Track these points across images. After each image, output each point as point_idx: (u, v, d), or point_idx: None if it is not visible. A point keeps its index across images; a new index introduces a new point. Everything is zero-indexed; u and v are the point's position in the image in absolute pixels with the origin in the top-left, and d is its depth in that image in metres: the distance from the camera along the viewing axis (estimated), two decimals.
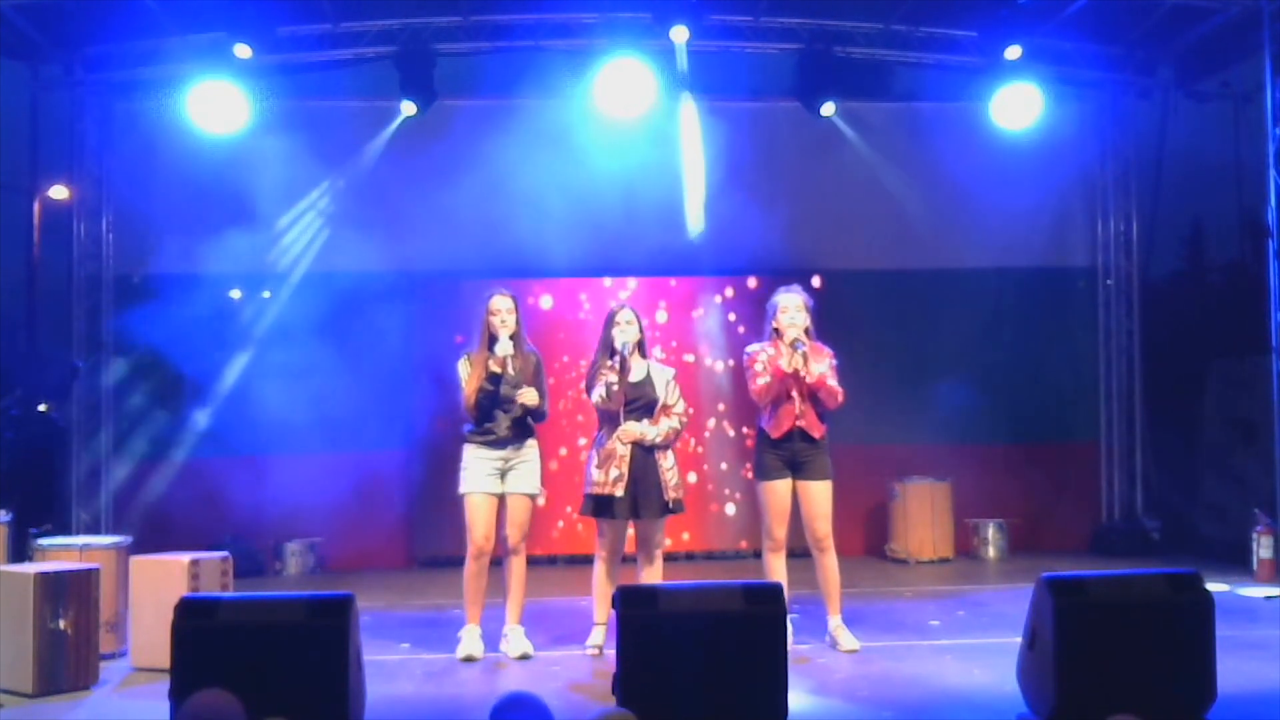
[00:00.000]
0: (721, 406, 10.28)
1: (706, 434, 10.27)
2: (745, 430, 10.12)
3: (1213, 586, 4.68)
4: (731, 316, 10.34)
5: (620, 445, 6.24)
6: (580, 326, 10.11)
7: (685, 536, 10.13)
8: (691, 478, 10.10)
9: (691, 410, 6.71)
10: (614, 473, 6.20)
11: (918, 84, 10.29)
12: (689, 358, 10.27)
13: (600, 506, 6.25)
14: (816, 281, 9.46)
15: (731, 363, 10.20)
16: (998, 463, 10.30)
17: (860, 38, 9.60)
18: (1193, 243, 10.82)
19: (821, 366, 6.27)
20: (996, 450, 10.37)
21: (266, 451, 9.67)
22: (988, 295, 10.28)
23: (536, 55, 9.59)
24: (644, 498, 6.23)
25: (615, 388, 6.21)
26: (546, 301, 10.21)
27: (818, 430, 6.30)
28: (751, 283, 10.26)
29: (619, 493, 6.19)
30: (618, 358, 6.26)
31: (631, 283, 10.31)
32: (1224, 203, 10.31)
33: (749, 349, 6.42)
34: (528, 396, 6.21)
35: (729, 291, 10.39)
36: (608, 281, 10.33)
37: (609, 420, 6.30)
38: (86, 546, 6.51)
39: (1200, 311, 10.40)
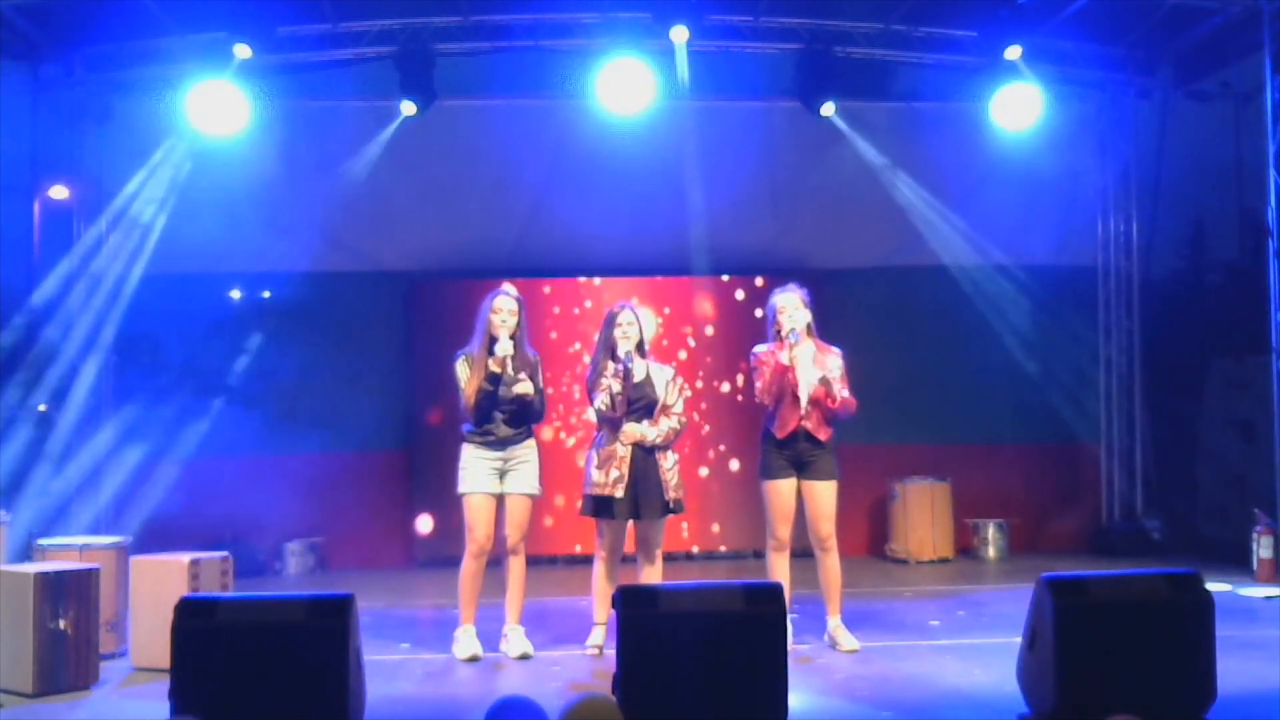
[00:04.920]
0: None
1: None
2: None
3: (1213, 586, 4.68)
4: (736, 308, 10.36)
5: (621, 446, 6.24)
6: (580, 323, 10.13)
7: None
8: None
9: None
10: (614, 474, 6.20)
11: (918, 84, 10.28)
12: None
13: (600, 507, 6.26)
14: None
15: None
16: (998, 463, 10.31)
17: (860, 38, 9.59)
18: (1193, 243, 10.78)
19: (832, 372, 6.26)
20: (996, 450, 10.39)
21: (266, 451, 9.68)
22: (988, 295, 10.29)
23: (536, 55, 9.58)
24: (645, 498, 6.23)
25: (620, 396, 6.22)
26: (546, 300, 10.19)
27: (824, 432, 6.30)
28: (755, 281, 10.26)
29: (619, 493, 6.20)
30: (621, 365, 6.26)
31: (630, 282, 10.31)
32: (1224, 203, 10.28)
33: (755, 350, 6.43)
34: (522, 386, 6.20)
35: (738, 293, 10.40)
36: (597, 281, 10.35)
37: (609, 421, 6.30)
38: (86, 547, 6.51)
39: (1200, 311, 10.37)
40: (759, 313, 10.17)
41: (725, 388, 10.28)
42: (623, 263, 10.30)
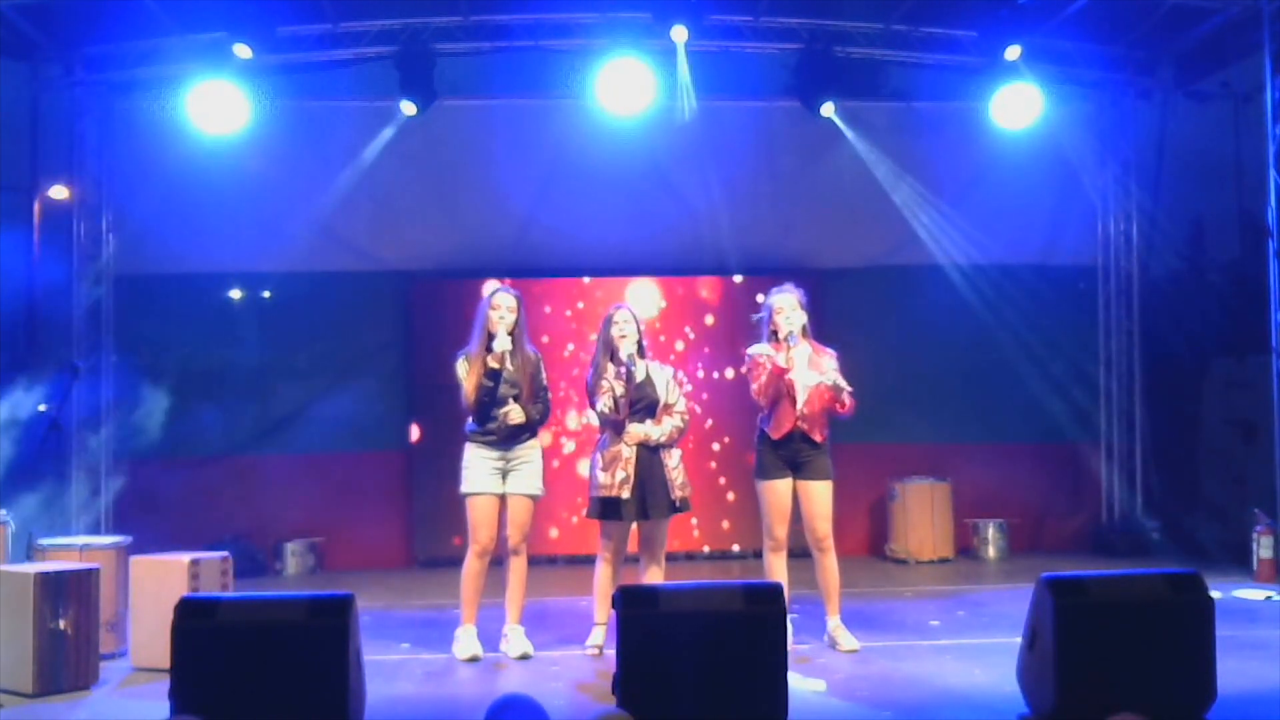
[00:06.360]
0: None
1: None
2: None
3: (1212, 587, 4.68)
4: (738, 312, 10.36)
5: (625, 447, 6.24)
6: (573, 324, 10.13)
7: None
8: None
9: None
10: (620, 474, 6.20)
11: (918, 84, 10.29)
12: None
13: (608, 508, 6.25)
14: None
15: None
16: (998, 463, 10.29)
17: (860, 38, 9.60)
18: (1193, 242, 10.78)
19: (826, 376, 6.25)
20: (996, 450, 10.38)
21: (266, 451, 9.67)
22: (988, 295, 10.28)
23: (536, 55, 9.59)
24: (651, 498, 6.23)
25: (622, 398, 6.22)
26: (544, 301, 10.18)
27: (819, 433, 6.30)
28: (753, 281, 10.25)
29: (625, 494, 6.19)
30: (622, 368, 6.26)
31: (631, 282, 10.32)
32: (1224, 203, 10.28)
33: (749, 351, 6.43)
34: (515, 415, 6.21)
35: (736, 278, 10.39)
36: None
37: (612, 424, 6.30)
38: (86, 547, 6.51)
39: (1200, 311, 10.36)
40: (760, 298, 10.22)
41: (730, 374, 10.17)
42: (623, 263, 10.30)
